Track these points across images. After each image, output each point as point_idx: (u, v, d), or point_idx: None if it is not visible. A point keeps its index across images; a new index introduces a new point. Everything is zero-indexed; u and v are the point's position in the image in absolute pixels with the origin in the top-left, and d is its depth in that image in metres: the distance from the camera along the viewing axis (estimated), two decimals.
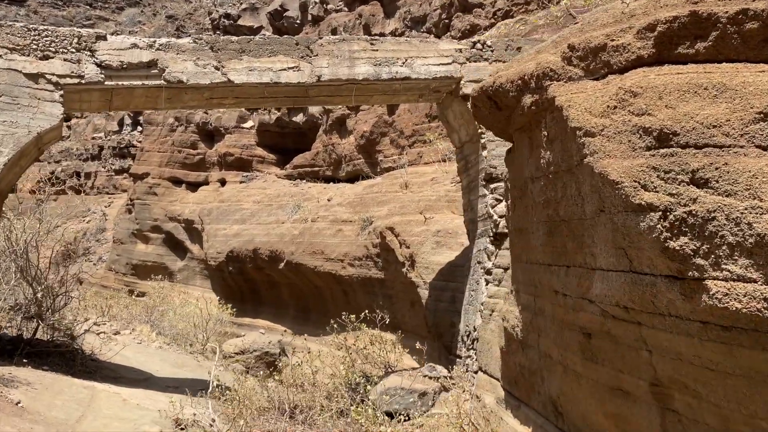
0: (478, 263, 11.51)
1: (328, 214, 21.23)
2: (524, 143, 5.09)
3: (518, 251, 6.89)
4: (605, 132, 3.73)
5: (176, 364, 13.86)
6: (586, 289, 4.50)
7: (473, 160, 11.78)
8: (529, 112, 4.67)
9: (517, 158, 5.60)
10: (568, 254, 4.64)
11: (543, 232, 4.86)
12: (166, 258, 31.40)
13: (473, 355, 11.25)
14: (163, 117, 34.14)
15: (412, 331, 15.37)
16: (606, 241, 3.95)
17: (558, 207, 4.49)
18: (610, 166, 3.62)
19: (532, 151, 4.86)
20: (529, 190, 5.01)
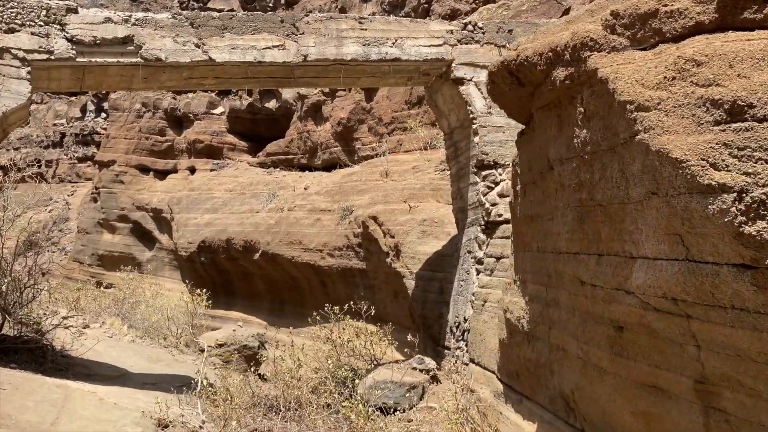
0: (468, 253, 11.19)
1: (306, 203, 20.70)
2: (550, 122, 4.71)
3: (527, 240, 6.54)
4: (663, 106, 3.37)
5: (151, 359, 13.24)
6: (623, 279, 4.15)
7: (464, 147, 11.41)
8: (560, 87, 4.29)
9: (538, 139, 5.23)
10: (601, 242, 4.29)
11: (572, 218, 4.49)
12: (134, 248, 30.45)
13: (463, 347, 10.94)
14: (130, 102, 33.02)
15: (396, 322, 15.00)
16: (656, 226, 3.59)
17: (593, 190, 4.12)
18: (671, 143, 3.25)
19: (561, 130, 4.49)
20: (556, 173, 4.64)
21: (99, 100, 51.31)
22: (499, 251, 10.34)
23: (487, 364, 9.55)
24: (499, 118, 10.95)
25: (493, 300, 9.89)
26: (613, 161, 3.91)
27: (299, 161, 26.71)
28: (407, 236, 13.76)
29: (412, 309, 13.79)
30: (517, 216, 6.67)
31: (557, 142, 4.59)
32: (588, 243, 4.46)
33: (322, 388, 10.40)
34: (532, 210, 6.06)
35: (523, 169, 6.11)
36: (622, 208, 3.94)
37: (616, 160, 3.87)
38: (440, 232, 13.45)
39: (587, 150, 4.14)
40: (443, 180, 15.13)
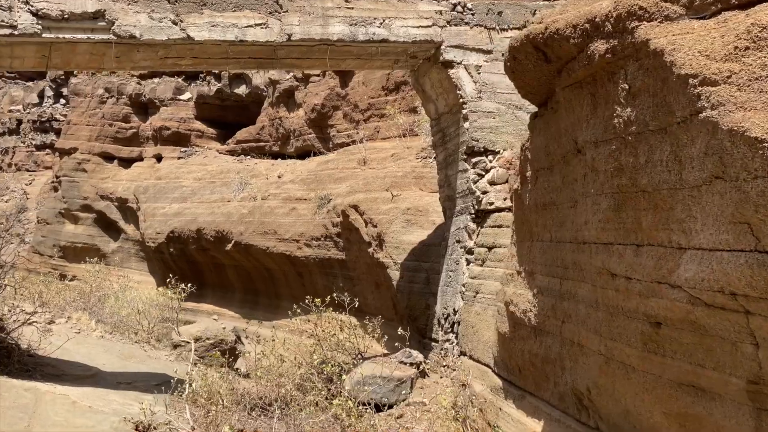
0: (457, 242, 10.84)
1: (280, 191, 20.10)
2: (581, 102, 4.33)
3: (536, 229, 6.19)
4: (735, 79, 3.01)
5: (123, 356, 12.60)
6: (668, 272, 3.81)
7: (452, 133, 11.03)
8: (599, 62, 3.91)
9: (561, 121, 4.85)
10: (642, 231, 3.94)
11: (606, 205, 4.13)
12: (98, 239, 29.39)
13: (453, 339, 10.62)
14: (92, 87, 31.76)
15: (377, 314, 14.59)
16: (717, 214, 3.25)
17: (636, 175, 3.76)
18: (747, 120, 2.90)
19: (596, 110, 4.12)
20: (588, 156, 4.27)
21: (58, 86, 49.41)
22: (491, 240, 10.02)
23: (480, 358, 9.23)
24: (489, 103, 10.61)
25: (486, 291, 9.58)
26: (664, 143, 3.54)
27: (271, 149, 26.01)
28: (391, 225, 13.35)
29: (396, 300, 13.42)
30: (526, 204, 6.31)
31: (590, 122, 4.22)
32: (625, 232, 4.11)
33: (308, 385, 9.96)
34: (545, 197, 5.70)
35: (536, 153, 5.74)
36: (672, 194, 3.58)
37: (668, 141, 3.51)
38: (425, 221, 13.08)
39: (631, 131, 3.77)
40: (426, 168, 14.75)
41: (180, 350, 14.09)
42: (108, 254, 28.48)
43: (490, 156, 10.50)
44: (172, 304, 16.60)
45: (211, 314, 22.30)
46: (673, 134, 3.46)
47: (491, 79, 10.63)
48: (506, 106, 10.68)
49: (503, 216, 10.09)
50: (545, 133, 5.34)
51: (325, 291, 18.01)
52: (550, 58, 4.49)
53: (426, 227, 12.93)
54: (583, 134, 4.36)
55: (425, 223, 13.02)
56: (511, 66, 4.96)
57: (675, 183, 3.54)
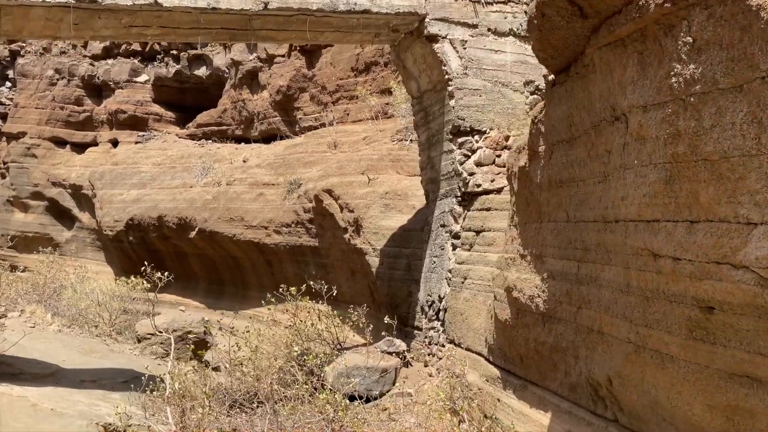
0: (442, 226, 10.38)
1: (246, 176, 19.30)
2: (624, 62, 3.86)
3: (549, 209, 5.75)
4: None
5: (84, 351, 11.79)
6: (732, 251, 3.39)
7: (436, 112, 10.52)
8: (653, 13, 3.44)
9: (593, 86, 4.38)
10: (699, 206, 3.50)
11: (655, 178, 3.69)
12: (51, 228, 27.97)
13: (438, 327, 10.18)
14: (41, 68, 30.11)
15: (352, 302, 14.06)
16: None
17: (698, 141, 3.32)
18: None
19: (646, 69, 3.65)
20: (634, 123, 3.81)
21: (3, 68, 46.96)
22: (479, 224, 9.58)
23: (471, 346, 8.82)
24: (475, 80, 10.14)
25: (475, 277, 9.15)
26: (739, 102, 3.10)
27: (234, 133, 25.08)
28: (368, 210, 12.81)
29: (374, 288, 12.92)
30: (536, 181, 5.85)
31: (637, 85, 3.75)
32: (676, 208, 3.67)
33: (288, 378, 9.38)
34: (563, 174, 5.24)
35: (553, 125, 5.26)
36: (745, 161, 3.14)
37: (745, 100, 3.06)
38: (404, 205, 12.58)
39: (693, 91, 3.31)
40: (403, 150, 14.23)
41: (144, 343, 13.31)
42: (62, 244, 27.13)
43: (476, 136, 10.05)
44: (133, 295, 15.74)
45: (175, 305, 21.39)
46: (753, 92, 3.01)
47: (477, 54, 10.15)
48: (493, 83, 10.23)
49: (492, 198, 9.66)
50: (568, 101, 4.87)
51: (296, 279, 17.36)
52: (587, 13, 4.00)
53: (406, 212, 12.43)
54: (626, 99, 3.89)
55: (405, 207, 12.52)
56: (538, 23, 4.45)
57: (750, 149, 3.10)
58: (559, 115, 5.09)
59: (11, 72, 38.35)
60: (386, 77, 18.70)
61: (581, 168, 4.87)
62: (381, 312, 13.17)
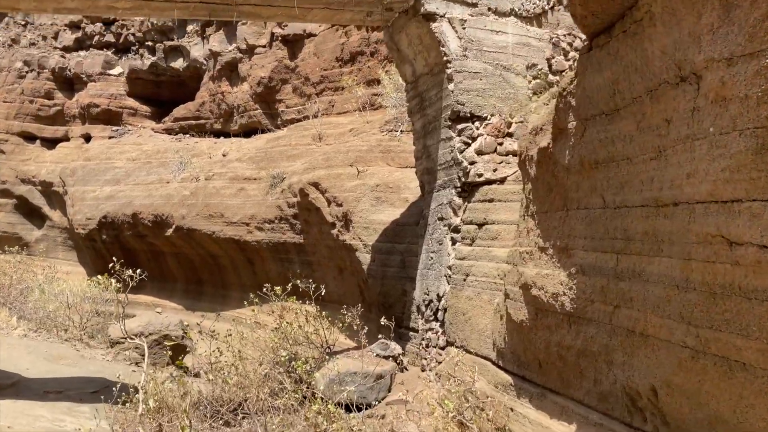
0: (440, 220, 9.67)
1: (226, 170, 18.42)
2: (700, 6, 3.17)
3: (579, 194, 5.06)
4: None
5: (51, 357, 10.86)
6: None
7: (432, 97, 9.81)
8: None
9: (653, 41, 3.70)
10: None
11: (739, 147, 3.00)
12: (20, 227, 26.73)
13: (437, 328, 9.47)
14: (9, 60, 28.80)
15: (340, 302, 13.32)
16: None
17: None
18: None
19: (730, 13, 2.96)
20: (712, 81, 3.12)
21: None
22: (481, 216, 8.88)
23: (476, 349, 8.12)
24: (475, 63, 9.44)
25: (479, 273, 8.45)
26: None
27: (212, 126, 24.12)
28: (358, 204, 12.05)
29: (364, 287, 12.17)
30: (561, 164, 5.16)
31: (718, 33, 3.06)
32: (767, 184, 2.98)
33: (275, 386, 8.59)
34: (600, 153, 4.55)
35: (588, 97, 4.57)
36: None
37: None
38: (396, 198, 11.85)
39: None
40: (393, 141, 13.51)
41: (118, 348, 12.41)
42: (31, 243, 25.93)
43: (477, 122, 9.36)
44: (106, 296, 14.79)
45: (151, 306, 20.41)
46: None
47: (477, 35, 9.46)
48: (493, 66, 9.54)
49: (495, 189, 8.97)
50: (611, 66, 4.18)
51: (279, 278, 16.53)
52: None
53: (398, 205, 11.70)
54: (701, 52, 3.19)
55: (397, 200, 11.79)
56: None
57: None
58: (598, 83, 4.39)
59: None
60: (373, 67, 17.96)
61: (626, 144, 4.17)
62: (372, 312, 12.44)
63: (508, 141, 9.46)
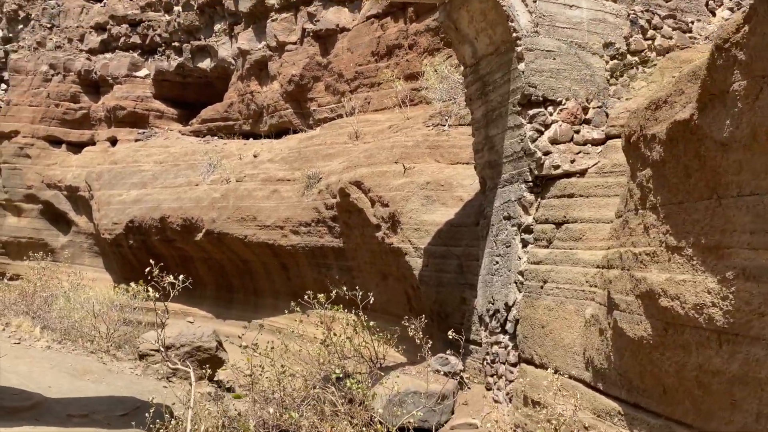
0: (507, 219, 8.56)
1: (258, 172, 17.50)
2: None
3: (746, 176, 3.95)
4: None
5: (76, 372, 9.95)
6: None
7: (498, 80, 8.72)
8: None
9: None
10: None
11: None
12: (45, 233, 26.14)
13: (505, 341, 8.35)
14: (35, 64, 28.36)
15: (383, 311, 12.28)
16: None
17: None
18: None
19: None
20: None
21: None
22: (559, 214, 7.76)
23: (561, 367, 6.98)
24: (548, 40, 8.34)
25: (561, 279, 7.32)
26: None
27: (241, 127, 23.30)
28: (407, 204, 10.99)
29: (411, 294, 11.09)
30: (714, 139, 4.04)
31: None
32: None
33: (328, 408, 7.54)
34: None
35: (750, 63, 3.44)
36: None
37: None
38: (449, 197, 10.77)
39: None
40: (441, 136, 12.43)
41: (147, 361, 11.47)
42: (57, 249, 25.34)
43: (550, 107, 8.25)
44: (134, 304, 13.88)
45: (180, 315, 19.56)
46: None
47: (549, 9, 8.36)
48: (567, 44, 8.43)
49: (575, 182, 7.85)
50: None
51: (316, 285, 15.49)
52: None
53: (451, 204, 10.62)
54: None
55: (449, 199, 10.71)
56: None
57: None
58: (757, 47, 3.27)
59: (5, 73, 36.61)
60: (412, 60, 16.94)
61: None
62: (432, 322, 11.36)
63: (586, 128, 8.34)
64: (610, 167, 7.68)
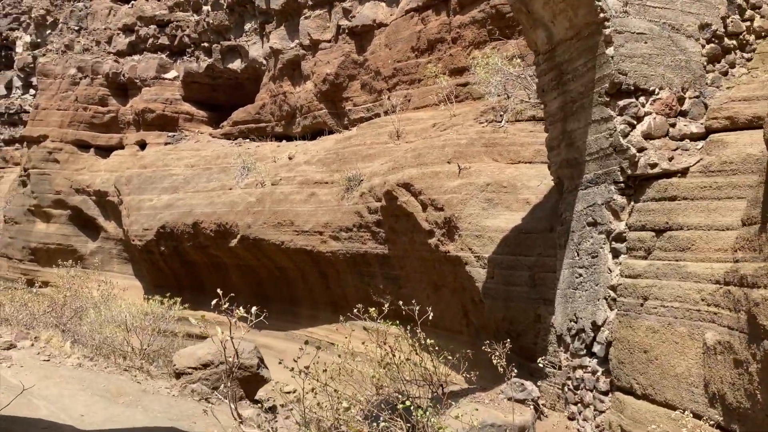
0: (592, 225, 7.54)
1: (294, 174, 16.66)
2: None
3: None
4: None
5: (109, 394, 9.15)
6: None
7: (579, 68, 7.71)
8: None
9: None
10: None
11: None
12: (74, 239, 25.68)
13: (592, 366, 7.32)
14: (63, 67, 28.00)
15: (435, 325, 11.24)
16: None
17: None
18: None
19: None
20: None
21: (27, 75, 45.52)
22: (660, 220, 6.72)
23: (673, 400, 5.94)
24: (639, 22, 7.31)
25: (667, 297, 6.29)
26: None
27: (273, 129, 22.52)
28: (465, 207, 10.01)
29: (470, 308, 10.09)
30: None
31: None
32: None
33: None
34: None
35: None
36: None
37: None
38: (512, 200, 9.77)
39: None
40: (497, 133, 11.43)
41: (185, 380, 10.63)
42: (86, 256, 24.81)
43: (642, 97, 7.21)
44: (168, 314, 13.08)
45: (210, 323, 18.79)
46: None
47: None
48: (660, 26, 7.39)
49: (677, 183, 6.81)
50: None
51: (357, 294, 14.61)
52: None
53: (516, 208, 9.62)
54: None
55: (514, 202, 9.71)
56: None
57: None
58: None
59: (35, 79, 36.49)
60: (456, 55, 15.96)
61: None
62: (480, 339, 10.35)
63: (682, 121, 7.29)
64: (718, 165, 6.62)
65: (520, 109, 11.88)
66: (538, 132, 11.16)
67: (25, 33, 38.77)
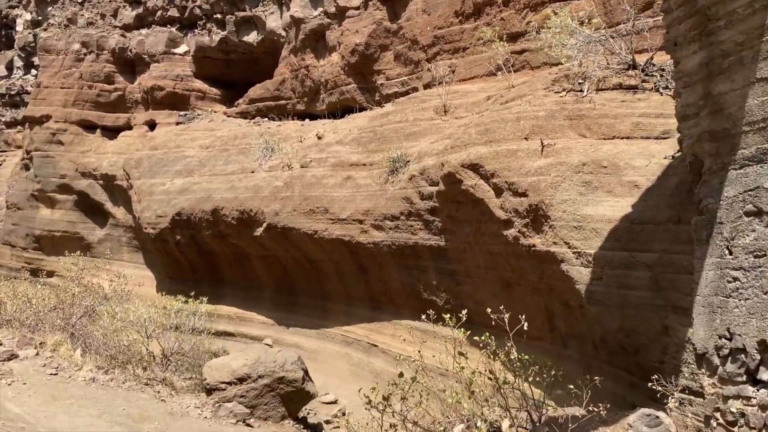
0: (754, 215, 5.83)
1: (325, 155, 14.91)
2: None
3: None
4: None
5: (131, 420, 7.53)
6: None
7: (738, 12, 5.93)
8: None
9: None
10: None
11: None
12: (81, 226, 24.03)
13: (759, 397, 5.63)
14: (66, 42, 26.15)
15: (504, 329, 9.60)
16: None
17: None
18: None
19: None
20: None
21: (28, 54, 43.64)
22: None
23: None
24: None
25: None
26: None
27: (294, 107, 20.73)
28: (555, 192, 8.28)
29: (557, 312, 8.39)
30: None
31: None
32: None
33: None
34: None
35: None
36: None
37: None
38: (616, 183, 8.04)
39: None
40: (581, 104, 9.65)
41: (217, 396, 9.01)
42: (93, 244, 23.22)
43: None
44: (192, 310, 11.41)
45: (234, 318, 17.21)
46: None
47: None
48: None
49: None
50: None
51: (403, 290, 12.93)
52: None
53: (620, 193, 7.89)
54: None
55: (617, 186, 7.98)
56: None
57: None
58: None
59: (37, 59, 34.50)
60: (508, 19, 14.12)
61: None
62: (568, 348, 8.69)
63: None
64: None
65: (602, 76, 10.10)
66: (631, 102, 9.40)
67: (26, 10, 36.75)
